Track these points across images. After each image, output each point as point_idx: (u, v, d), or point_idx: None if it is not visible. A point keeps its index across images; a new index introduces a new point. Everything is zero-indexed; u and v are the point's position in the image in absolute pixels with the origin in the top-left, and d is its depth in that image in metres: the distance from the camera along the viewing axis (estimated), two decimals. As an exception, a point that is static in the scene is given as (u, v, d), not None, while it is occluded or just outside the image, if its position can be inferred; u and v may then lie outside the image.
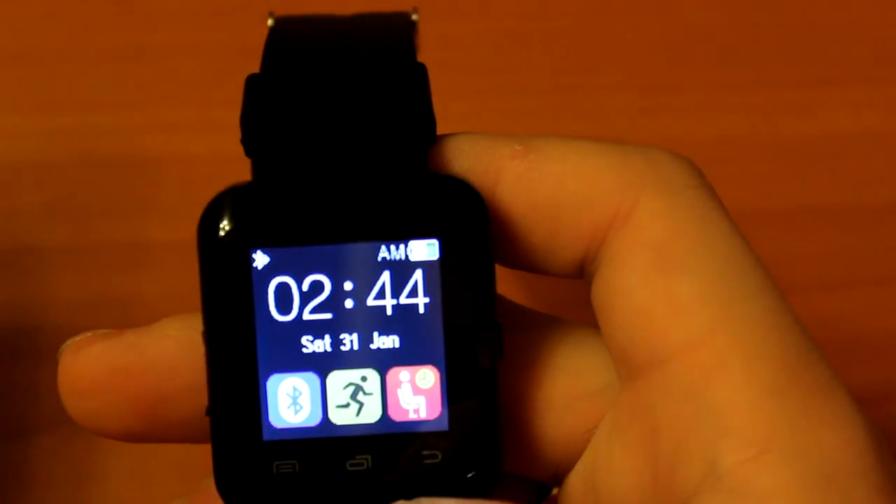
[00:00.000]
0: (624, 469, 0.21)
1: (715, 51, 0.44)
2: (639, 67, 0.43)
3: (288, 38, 0.23)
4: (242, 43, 0.42)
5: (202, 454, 0.34)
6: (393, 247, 0.21)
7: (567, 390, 0.22)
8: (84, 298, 0.37)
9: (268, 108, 0.21)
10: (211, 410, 0.21)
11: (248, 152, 0.21)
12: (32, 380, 0.36)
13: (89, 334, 0.22)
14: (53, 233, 0.39)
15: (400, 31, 0.23)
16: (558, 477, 0.23)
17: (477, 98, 0.21)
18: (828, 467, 0.18)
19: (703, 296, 0.20)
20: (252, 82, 0.22)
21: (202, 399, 0.21)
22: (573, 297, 0.24)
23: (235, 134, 0.21)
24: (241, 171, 0.21)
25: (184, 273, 0.38)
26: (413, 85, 0.21)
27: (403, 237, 0.20)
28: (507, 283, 0.22)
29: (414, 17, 0.24)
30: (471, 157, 0.21)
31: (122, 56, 0.42)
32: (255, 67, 0.22)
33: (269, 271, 0.20)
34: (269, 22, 0.24)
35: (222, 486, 0.21)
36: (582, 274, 0.22)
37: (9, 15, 0.43)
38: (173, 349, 0.22)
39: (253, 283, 0.20)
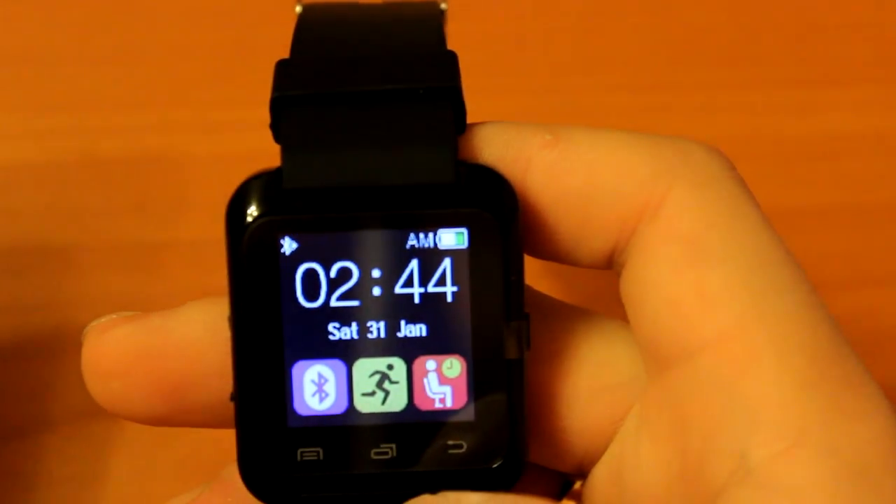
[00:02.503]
0: (651, 462, 0.21)
1: (715, 51, 0.44)
2: (639, 67, 0.43)
3: (316, 24, 0.23)
4: (242, 43, 0.43)
5: (203, 454, 0.34)
6: (422, 235, 0.20)
7: (593, 381, 0.22)
8: (84, 298, 0.37)
9: (297, 93, 0.21)
10: (235, 396, 0.21)
11: (276, 138, 0.21)
12: (33, 380, 0.36)
13: (114, 316, 0.22)
14: (54, 233, 0.39)
15: (429, 19, 0.23)
16: (582, 469, 0.23)
17: (477, 98, 0.21)
18: (859, 461, 0.18)
19: (734, 289, 0.20)
20: (281, 67, 0.21)
21: (226, 384, 0.21)
22: (602, 288, 0.24)
23: (235, 134, 0.21)
24: (241, 171, 0.21)
25: (183, 272, 0.38)
26: (443, 73, 0.21)
27: (432, 226, 0.20)
28: (535, 274, 0.21)
29: (443, 5, 0.24)
30: (500, 145, 0.21)
31: (122, 56, 0.42)
32: (256, 67, 0.22)
33: (297, 257, 0.20)
34: (298, 9, 0.23)
35: (246, 473, 0.21)
36: (611, 265, 0.22)
37: (9, 15, 0.43)
38: (198, 333, 0.21)
39: (280, 269, 0.20)
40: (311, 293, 0.20)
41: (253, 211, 0.20)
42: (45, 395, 0.35)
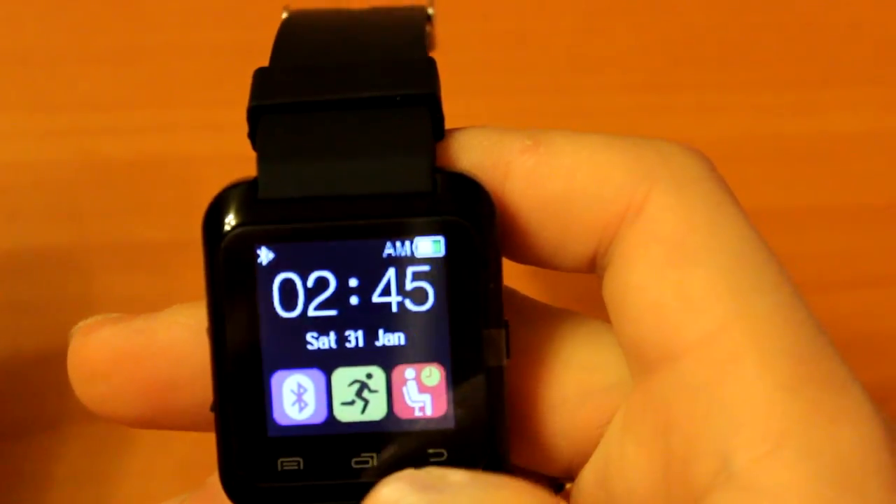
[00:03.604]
0: (636, 465, 0.21)
1: (715, 51, 0.44)
2: (639, 67, 0.43)
3: (298, 31, 0.23)
4: (242, 43, 0.42)
5: (202, 454, 0.34)
6: (398, 243, 0.20)
7: (580, 385, 0.22)
8: (84, 298, 0.37)
9: (273, 101, 0.21)
10: (215, 406, 0.21)
11: (254, 146, 0.21)
12: (32, 380, 0.36)
13: (100, 318, 0.22)
14: (53, 233, 0.39)
15: (412, 24, 0.23)
16: (571, 472, 0.23)
17: (477, 98, 0.21)
18: (842, 464, 0.18)
19: (716, 290, 0.20)
20: (259, 76, 0.21)
21: (210, 387, 0.21)
22: (585, 291, 0.24)
23: (235, 134, 0.21)
24: (241, 170, 0.21)
25: (184, 273, 0.38)
26: (421, 79, 0.21)
27: (409, 234, 0.20)
28: (520, 277, 0.21)
29: (430, 10, 0.24)
30: (480, 151, 0.21)
31: (122, 56, 0.42)
32: (256, 67, 0.22)
33: (274, 267, 0.20)
34: (284, 14, 0.23)
35: (227, 483, 0.21)
36: (594, 269, 0.22)
37: (9, 15, 0.43)
38: (183, 336, 0.22)
39: (258, 279, 0.20)
40: (289, 303, 0.20)
41: (229, 221, 0.20)
42: (45, 395, 0.35)
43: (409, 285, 0.20)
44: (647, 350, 0.20)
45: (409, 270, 0.20)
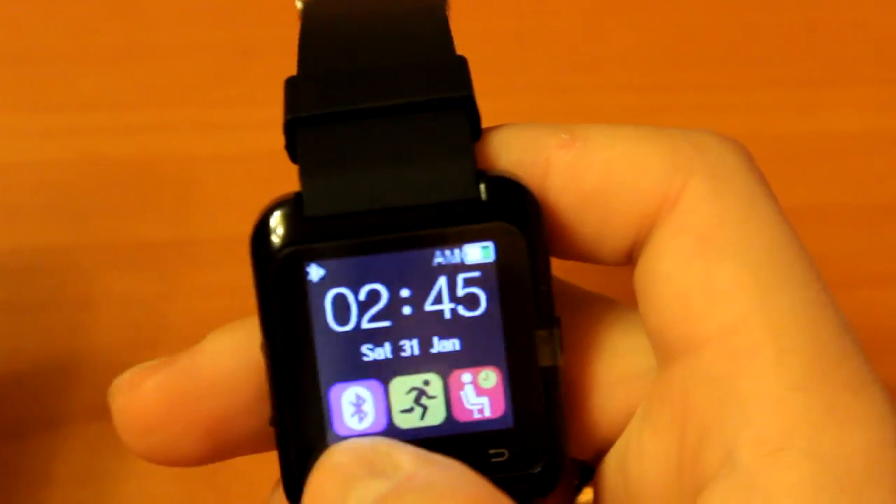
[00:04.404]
0: (652, 453, 0.21)
1: (715, 51, 0.44)
2: (639, 67, 0.43)
3: (320, 30, 0.23)
4: (242, 43, 0.43)
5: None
6: (447, 251, 0.20)
7: (612, 371, 0.22)
8: (84, 298, 0.37)
9: (309, 113, 0.21)
10: (275, 421, 0.21)
11: (293, 158, 0.21)
12: (32, 379, 0.36)
13: (137, 369, 0.22)
14: (53, 233, 0.39)
15: (435, 16, 0.23)
16: (599, 457, 0.23)
17: (477, 98, 0.21)
18: (844, 468, 0.18)
19: (742, 284, 0.20)
20: (291, 86, 0.21)
21: (266, 410, 0.21)
22: (619, 281, 0.24)
23: (235, 134, 0.21)
24: (240, 170, 0.21)
25: (184, 273, 0.38)
26: (456, 81, 0.21)
27: (457, 242, 0.20)
28: (556, 266, 0.21)
29: None
30: (518, 149, 0.21)
31: (122, 56, 0.42)
32: (256, 67, 0.22)
33: (325, 283, 0.20)
34: (298, 4, 0.23)
35: (292, 496, 0.21)
36: (631, 261, 0.22)
37: (9, 15, 0.43)
38: (230, 365, 0.21)
39: (310, 296, 0.20)
40: (342, 317, 0.20)
41: (277, 241, 0.20)
42: (47, 396, 0.35)
43: (460, 292, 0.20)
44: (670, 339, 0.20)
45: (460, 277, 0.20)
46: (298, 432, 0.21)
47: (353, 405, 0.21)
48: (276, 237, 0.20)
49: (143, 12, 0.43)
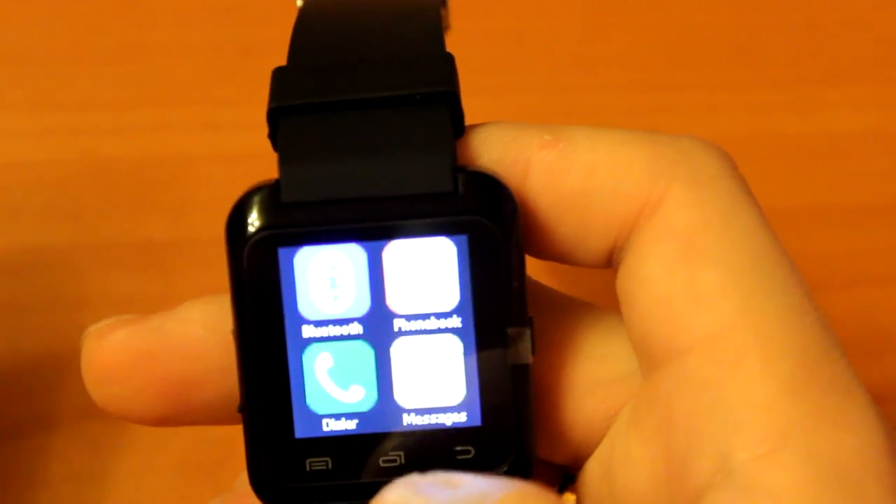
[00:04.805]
0: (639, 459, 0.21)
1: (715, 51, 0.44)
2: (639, 67, 0.43)
3: (313, 26, 0.23)
4: (242, 43, 0.43)
5: (200, 453, 0.34)
6: (421, 244, 0.20)
7: (590, 375, 0.22)
8: (84, 298, 0.37)
9: (293, 102, 0.21)
10: (243, 408, 0.21)
11: (275, 147, 0.21)
12: (33, 380, 0.36)
13: (111, 320, 0.22)
14: (53, 232, 0.39)
15: (428, 17, 0.23)
16: (577, 462, 0.23)
17: (477, 98, 0.21)
18: (841, 468, 0.18)
19: (725, 288, 0.20)
20: (278, 75, 0.21)
21: (229, 381, 0.21)
22: (600, 285, 0.24)
23: (235, 133, 0.21)
24: (240, 170, 0.21)
25: (184, 272, 0.38)
26: (441, 77, 0.21)
27: (432, 234, 0.20)
28: (536, 269, 0.21)
29: None
30: (500, 147, 0.21)
31: (122, 56, 0.42)
32: (256, 67, 0.22)
33: (298, 269, 0.20)
34: (299, 2, 0.23)
35: (256, 484, 0.21)
36: (611, 264, 0.22)
37: (9, 15, 0.43)
38: (198, 332, 0.22)
39: (281, 281, 0.20)
40: (313, 303, 0.20)
41: (252, 224, 0.20)
42: (45, 395, 0.35)
43: (433, 284, 0.20)
44: (654, 345, 0.20)
45: (434, 270, 0.20)
46: (266, 420, 0.21)
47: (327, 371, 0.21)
48: (251, 221, 0.20)
49: (142, 12, 0.43)
